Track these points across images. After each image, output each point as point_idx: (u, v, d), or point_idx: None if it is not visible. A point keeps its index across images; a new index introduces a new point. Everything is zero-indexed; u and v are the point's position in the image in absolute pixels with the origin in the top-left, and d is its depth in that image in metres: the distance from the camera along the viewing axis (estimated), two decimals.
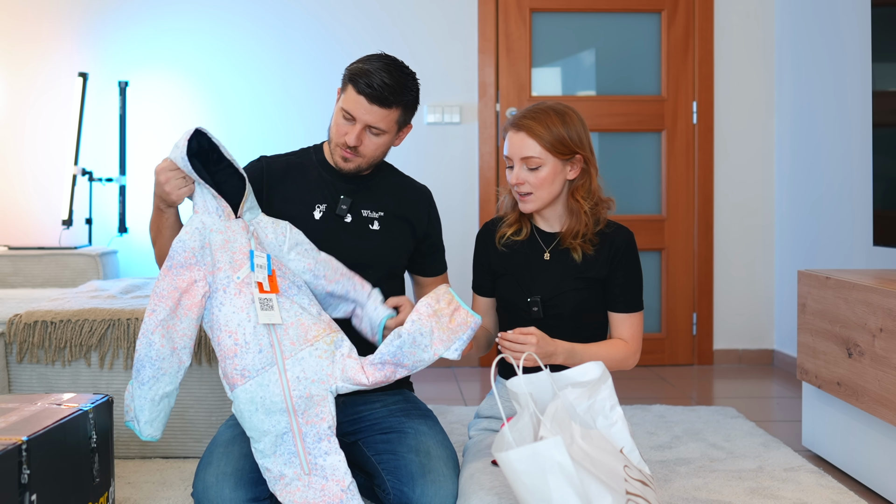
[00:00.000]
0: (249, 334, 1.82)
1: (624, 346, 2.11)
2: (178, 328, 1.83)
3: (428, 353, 1.84)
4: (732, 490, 2.33)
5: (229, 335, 1.82)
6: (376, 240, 2.14)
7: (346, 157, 2.09)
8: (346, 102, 2.05)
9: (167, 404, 1.87)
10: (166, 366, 1.84)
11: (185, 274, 1.84)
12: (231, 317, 1.82)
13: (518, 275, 2.14)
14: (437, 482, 1.93)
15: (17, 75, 4.12)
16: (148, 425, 1.86)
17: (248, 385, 1.81)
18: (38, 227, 4.13)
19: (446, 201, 4.10)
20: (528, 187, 2.07)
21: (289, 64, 4.16)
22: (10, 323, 2.61)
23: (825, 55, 3.75)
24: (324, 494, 1.82)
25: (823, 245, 3.77)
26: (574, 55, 4.27)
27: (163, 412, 1.86)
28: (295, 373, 1.83)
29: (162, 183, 1.88)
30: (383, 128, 2.06)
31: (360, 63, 2.06)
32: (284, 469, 1.83)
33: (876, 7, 2.87)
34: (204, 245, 1.85)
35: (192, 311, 1.83)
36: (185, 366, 1.86)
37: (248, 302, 1.83)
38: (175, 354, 1.84)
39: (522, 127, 2.05)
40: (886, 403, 2.27)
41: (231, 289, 1.83)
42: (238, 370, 1.82)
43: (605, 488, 1.61)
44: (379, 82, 2.00)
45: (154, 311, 1.83)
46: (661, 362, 4.24)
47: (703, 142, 4.22)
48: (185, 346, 1.84)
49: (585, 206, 2.09)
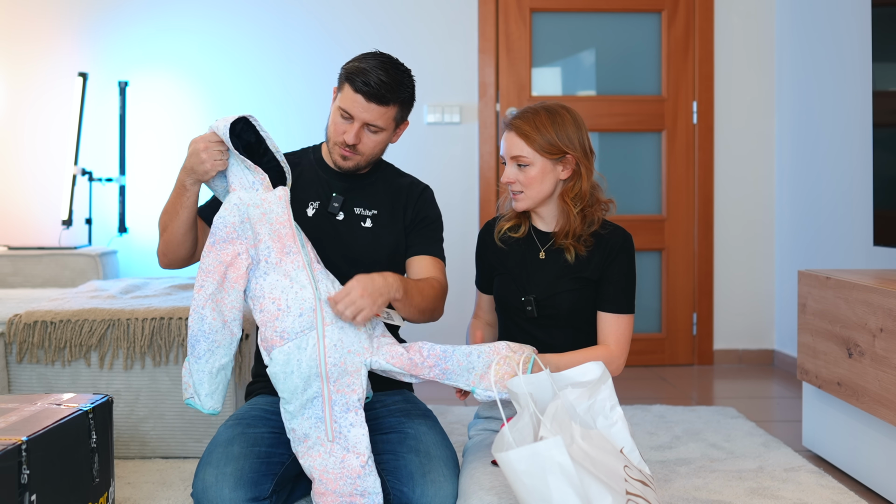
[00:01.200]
0: (292, 299, 1.87)
1: (604, 351, 2.07)
2: (227, 301, 1.89)
3: (468, 378, 1.88)
4: (732, 490, 2.33)
5: (273, 301, 1.87)
6: (368, 237, 2.15)
7: (344, 155, 2.10)
8: (344, 101, 2.06)
9: (224, 376, 1.92)
10: (220, 338, 1.89)
11: (228, 248, 1.89)
12: (276, 284, 1.87)
13: (514, 273, 2.14)
14: (437, 482, 1.93)
15: (17, 75, 4.12)
16: (209, 398, 1.91)
17: (287, 346, 1.85)
18: (38, 227, 4.13)
19: (446, 201, 4.08)
20: (519, 186, 2.09)
21: (289, 64, 4.16)
22: (10, 323, 2.61)
23: (825, 55, 3.75)
24: (343, 465, 1.86)
25: (823, 245, 3.77)
26: (574, 55, 4.27)
27: (221, 384, 1.91)
28: (333, 340, 1.87)
29: (201, 150, 1.89)
30: (381, 125, 2.07)
31: (355, 62, 2.07)
32: (310, 431, 1.88)
33: (876, 7, 2.87)
34: (243, 220, 1.89)
35: (238, 283, 1.88)
36: (236, 337, 1.91)
37: (291, 269, 1.88)
38: (226, 327, 1.89)
39: (513, 127, 2.09)
40: (886, 403, 2.27)
41: (273, 258, 1.88)
42: (278, 332, 1.86)
43: (605, 488, 1.61)
44: (376, 80, 2.02)
45: (202, 287, 1.87)
46: (661, 362, 4.24)
47: (703, 142, 4.21)
48: (234, 317, 1.90)
49: (574, 208, 2.09)
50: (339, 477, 1.86)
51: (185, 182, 1.95)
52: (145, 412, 2.62)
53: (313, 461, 1.88)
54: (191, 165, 1.92)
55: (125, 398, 2.61)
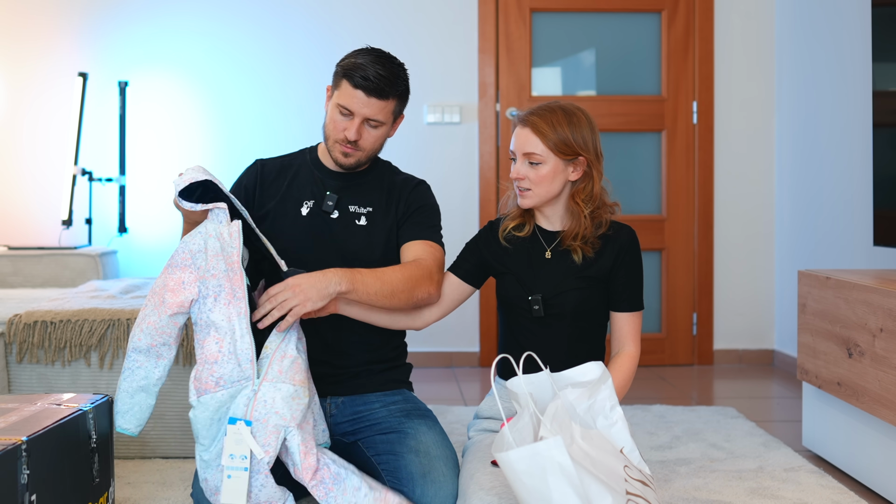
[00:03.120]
0: (233, 346, 1.81)
1: (629, 358, 2.10)
2: (157, 324, 1.84)
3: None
4: (732, 490, 2.33)
5: (216, 342, 1.82)
6: (362, 235, 2.15)
7: (346, 152, 2.11)
8: (342, 98, 2.06)
9: (143, 399, 1.88)
10: (142, 359, 1.86)
11: (176, 274, 1.84)
12: (220, 324, 1.82)
13: (519, 273, 2.14)
14: (436, 482, 1.93)
15: (17, 74, 4.12)
16: (121, 416, 1.88)
17: (220, 394, 1.80)
18: (37, 227, 4.13)
19: (446, 201, 4.08)
20: (528, 183, 2.08)
21: (289, 64, 4.15)
22: (10, 323, 2.61)
23: (825, 55, 3.75)
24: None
25: (823, 245, 3.77)
26: (574, 55, 4.27)
27: (137, 406, 1.88)
28: (265, 397, 1.81)
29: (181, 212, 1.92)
30: (381, 119, 2.08)
31: (351, 58, 2.08)
32: (220, 484, 1.83)
33: (876, 7, 2.87)
34: (202, 249, 1.85)
35: (170, 309, 1.83)
36: (163, 362, 1.87)
37: (234, 315, 1.82)
38: (152, 350, 1.85)
39: (528, 123, 2.07)
40: (886, 403, 2.27)
41: (222, 297, 1.82)
42: (215, 377, 1.81)
43: (605, 488, 1.61)
44: (374, 74, 2.03)
45: (145, 306, 1.86)
46: (661, 362, 4.24)
47: (703, 142, 4.21)
48: (163, 342, 1.85)
49: (585, 210, 2.09)
50: None
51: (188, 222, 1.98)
52: None
53: None
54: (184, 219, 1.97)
55: None
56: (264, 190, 2.18)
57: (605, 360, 2.18)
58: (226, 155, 4.14)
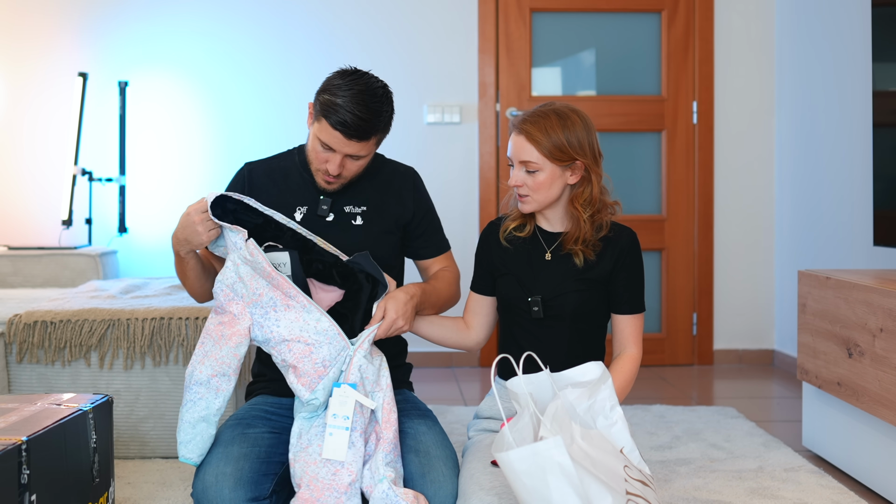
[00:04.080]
0: (317, 332, 1.93)
1: (631, 360, 2.10)
2: (218, 356, 1.94)
3: None
4: (732, 490, 2.33)
5: (299, 340, 1.93)
6: (360, 234, 2.15)
7: (329, 181, 2.11)
8: (322, 134, 2.03)
9: (204, 429, 1.95)
10: (203, 391, 1.94)
11: (225, 311, 1.96)
12: (293, 326, 1.93)
13: (519, 274, 2.13)
14: (436, 482, 1.93)
15: (17, 73, 4.12)
16: (183, 446, 1.95)
17: (331, 372, 1.92)
18: (37, 227, 4.13)
19: (446, 201, 4.10)
20: (526, 189, 2.07)
21: (289, 64, 4.15)
22: (10, 323, 2.61)
23: (825, 55, 3.75)
24: (334, 478, 1.88)
25: (823, 245, 3.77)
26: (574, 55, 4.27)
27: (199, 436, 1.95)
28: (359, 362, 1.93)
29: (196, 223, 1.94)
30: (363, 154, 2.07)
31: (329, 94, 2.01)
32: (314, 439, 1.93)
33: (876, 7, 2.87)
34: (237, 280, 1.95)
35: (231, 340, 1.94)
36: (223, 393, 1.95)
37: (301, 309, 1.94)
38: (211, 382, 1.94)
39: (522, 130, 2.05)
40: (886, 403, 2.27)
41: (279, 304, 1.94)
42: (319, 362, 1.92)
43: (605, 488, 1.61)
44: (352, 119, 1.97)
45: (202, 344, 1.96)
46: (661, 362, 4.24)
47: (703, 142, 4.21)
48: (223, 373, 1.94)
49: (584, 214, 2.08)
50: (327, 488, 1.87)
51: (181, 252, 2.02)
52: (145, 412, 2.62)
53: (307, 467, 1.89)
54: (185, 237, 1.98)
55: (125, 398, 2.61)
56: (254, 195, 2.14)
57: (605, 362, 2.17)
58: (226, 155, 4.14)
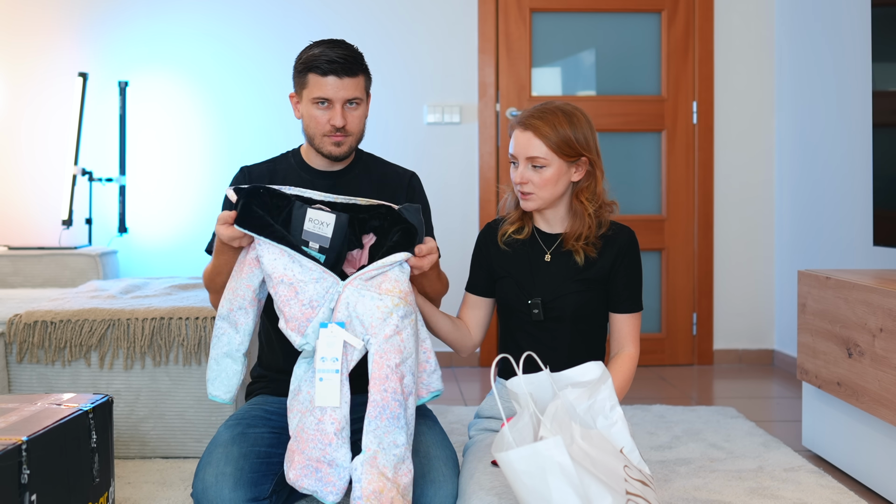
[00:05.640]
0: (301, 269, 1.85)
1: (629, 359, 2.10)
2: (234, 288, 1.92)
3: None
4: (732, 490, 2.33)
5: (282, 281, 1.85)
6: None
7: (337, 141, 2.12)
8: (316, 90, 2.08)
9: (229, 365, 1.94)
10: (225, 326, 1.93)
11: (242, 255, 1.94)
12: (274, 264, 1.85)
13: (518, 276, 2.13)
14: (436, 482, 1.93)
15: (17, 73, 4.12)
16: (210, 383, 1.95)
17: (320, 313, 1.85)
18: (37, 227, 4.13)
19: (446, 201, 4.10)
20: (531, 187, 2.06)
21: (289, 64, 4.11)
22: (10, 323, 2.61)
23: (825, 55, 3.75)
24: (318, 427, 1.82)
25: (823, 245, 3.77)
26: (574, 55, 4.27)
27: (224, 373, 1.94)
28: (348, 299, 1.85)
29: (236, 238, 1.90)
30: (359, 95, 2.10)
31: (304, 55, 2.12)
32: (302, 385, 1.87)
33: (876, 7, 2.87)
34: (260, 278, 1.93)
35: (243, 271, 1.90)
36: (242, 328, 1.92)
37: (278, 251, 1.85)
38: (231, 315, 1.92)
39: (529, 126, 2.05)
40: (886, 403, 2.27)
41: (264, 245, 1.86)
42: (306, 303, 1.84)
43: (605, 488, 1.61)
44: (338, 55, 2.06)
45: (228, 282, 1.94)
46: (661, 362, 4.24)
47: (703, 142, 4.22)
48: (240, 306, 1.92)
49: (590, 208, 2.08)
50: (312, 438, 1.83)
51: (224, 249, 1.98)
52: (145, 412, 2.62)
53: (294, 416, 1.87)
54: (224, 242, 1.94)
55: (125, 398, 2.61)
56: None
57: (605, 362, 2.17)
58: (226, 155, 4.14)
